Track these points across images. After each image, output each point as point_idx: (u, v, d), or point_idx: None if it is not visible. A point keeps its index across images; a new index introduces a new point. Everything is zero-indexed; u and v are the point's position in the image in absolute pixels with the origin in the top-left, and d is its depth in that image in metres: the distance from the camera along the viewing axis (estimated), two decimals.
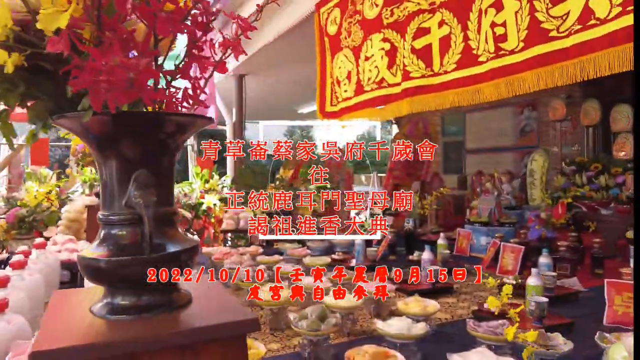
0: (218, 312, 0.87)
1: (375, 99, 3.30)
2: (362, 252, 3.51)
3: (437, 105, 2.81)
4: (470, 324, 2.00)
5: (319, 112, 4.01)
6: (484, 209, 4.01)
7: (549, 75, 2.09)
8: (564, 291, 2.86)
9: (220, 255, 3.16)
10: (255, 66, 5.20)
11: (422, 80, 2.87)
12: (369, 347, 1.72)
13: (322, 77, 3.87)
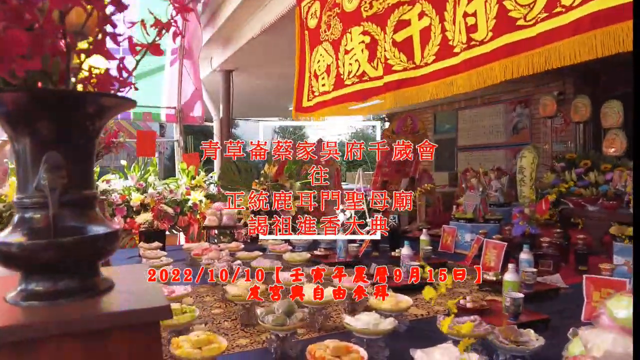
0: (133, 299, 0.83)
1: (356, 92, 3.24)
2: (344, 249, 3.47)
3: (419, 99, 2.77)
4: (440, 320, 1.96)
5: (294, 108, 3.95)
6: (469, 205, 3.98)
7: (515, 65, 2.05)
8: (543, 287, 2.82)
9: (199, 251, 3.13)
10: (243, 62, 5.16)
11: (405, 74, 2.82)
12: (331, 341, 1.68)
13: (300, 72, 3.81)
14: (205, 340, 1.71)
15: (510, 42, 2.09)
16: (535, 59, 1.92)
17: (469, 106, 7.88)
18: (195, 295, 2.68)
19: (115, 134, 3.25)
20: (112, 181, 4.37)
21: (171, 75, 5.10)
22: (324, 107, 3.50)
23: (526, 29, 1.95)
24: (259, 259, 2.88)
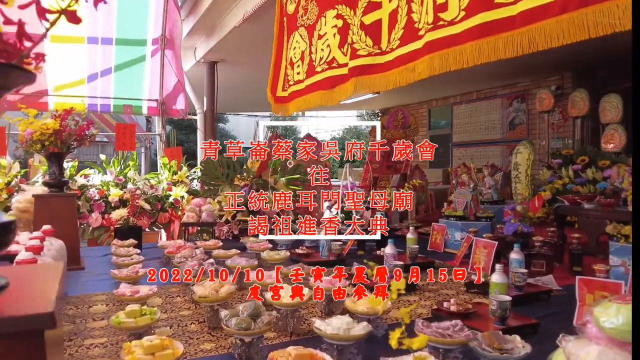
0: (16, 304, 0.70)
1: (325, 80, 3.08)
2: (327, 247, 3.33)
3: (382, 87, 2.60)
4: (419, 325, 1.82)
5: (270, 99, 3.78)
6: (459, 203, 3.84)
7: (492, 47, 1.89)
8: (534, 289, 2.70)
9: (173, 248, 2.99)
10: (227, 52, 4.99)
11: (369, 59, 2.64)
12: (294, 348, 1.54)
13: (276, 60, 3.64)
14: (158, 346, 1.58)
15: (485, 21, 1.92)
16: (516, 40, 1.76)
17: (464, 101, 7.74)
18: (166, 296, 2.55)
19: (88, 125, 3.10)
20: (90, 176, 4.23)
21: (152, 66, 4.95)
22: (298, 97, 3.34)
23: (505, 7, 1.79)
24: (234, 258, 2.75)
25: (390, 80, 2.51)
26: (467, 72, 6.48)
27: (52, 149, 2.94)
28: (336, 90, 2.99)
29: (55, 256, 2.27)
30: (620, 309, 1.00)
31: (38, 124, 2.80)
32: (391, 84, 2.52)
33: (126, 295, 2.13)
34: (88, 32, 4.55)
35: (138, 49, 4.90)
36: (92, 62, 4.70)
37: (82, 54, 4.62)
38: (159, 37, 4.85)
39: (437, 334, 1.75)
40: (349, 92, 2.85)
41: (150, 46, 4.94)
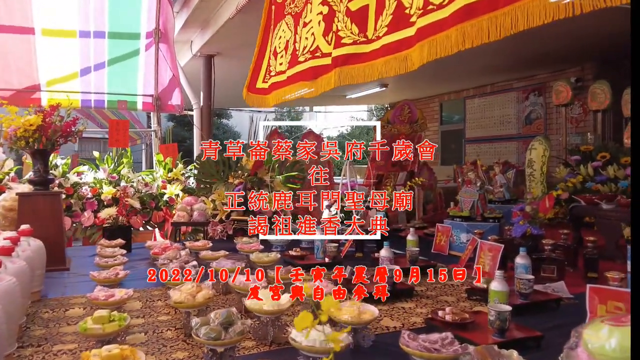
0: None
1: (308, 70, 2.95)
2: (322, 249, 3.24)
3: (366, 78, 2.47)
4: (404, 337, 1.71)
5: (246, 90, 3.66)
6: (465, 202, 3.69)
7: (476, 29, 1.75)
8: (542, 297, 2.56)
9: (159, 249, 2.93)
10: (224, 46, 4.90)
11: (353, 48, 2.50)
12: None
13: (260, 50, 3.52)
14: (117, 356, 1.51)
15: (470, 2, 1.79)
16: (500, 20, 1.63)
17: (477, 94, 7.53)
18: (146, 299, 2.49)
19: (74, 121, 3.06)
20: (84, 173, 4.22)
21: (147, 60, 4.91)
22: (278, 89, 3.22)
23: None
24: (220, 260, 2.67)
25: (375, 71, 2.39)
26: (481, 64, 6.32)
27: (37, 146, 2.91)
28: (318, 81, 2.87)
29: (30, 257, 2.23)
30: (613, 332, 0.88)
31: (20, 121, 2.76)
32: (376, 74, 2.40)
33: (99, 299, 2.07)
34: (80, 25, 4.54)
35: (131, 42, 4.87)
36: (85, 56, 4.69)
37: (74, 48, 4.61)
38: (152, 31, 4.81)
39: (422, 347, 1.64)
40: (332, 83, 2.73)
41: (144, 40, 4.90)
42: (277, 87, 3.20)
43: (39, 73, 4.54)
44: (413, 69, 2.25)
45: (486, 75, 6.94)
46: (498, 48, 5.47)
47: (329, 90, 7.23)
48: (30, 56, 4.45)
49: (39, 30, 4.40)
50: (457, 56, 6.41)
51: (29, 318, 2.17)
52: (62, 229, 3.03)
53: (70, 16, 4.50)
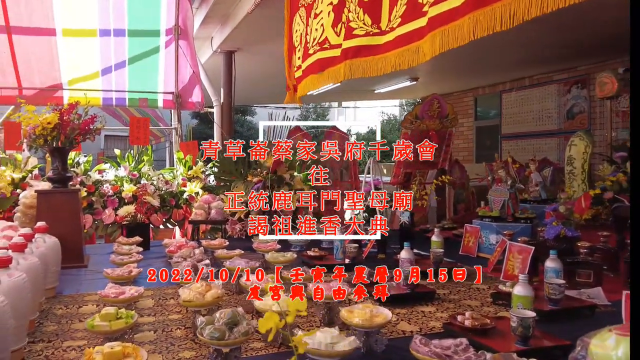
0: None
1: (316, 63, 2.91)
2: (342, 249, 3.21)
3: (378, 71, 2.41)
4: (416, 342, 1.68)
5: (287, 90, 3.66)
6: (495, 202, 3.58)
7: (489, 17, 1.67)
8: (574, 304, 2.44)
9: (174, 247, 2.99)
10: (243, 41, 4.94)
11: (366, 39, 2.44)
12: None
13: (288, 47, 3.51)
14: (118, 353, 1.54)
15: None
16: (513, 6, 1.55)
17: (514, 88, 7.29)
18: (159, 298, 2.54)
19: (92, 119, 3.17)
20: (105, 171, 4.36)
21: (166, 57, 5.03)
22: (299, 84, 3.20)
23: None
24: (234, 259, 2.70)
25: (388, 63, 2.34)
26: (518, 56, 6.12)
27: (55, 144, 3.03)
28: (325, 74, 2.83)
29: (44, 254, 2.32)
30: (620, 342, 0.83)
31: (38, 119, 2.88)
32: (389, 67, 2.35)
33: (110, 296, 2.13)
34: (100, 24, 4.70)
35: (151, 40, 4.99)
36: (105, 55, 4.86)
37: (94, 47, 4.78)
38: (172, 27, 4.92)
39: (432, 353, 1.59)
40: (340, 76, 2.68)
41: (164, 37, 5.01)
42: (298, 82, 3.20)
43: (60, 73, 4.74)
44: (425, 61, 2.20)
45: (524, 68, 6.71)
46: (536, 38, 5.28)
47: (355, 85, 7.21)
48: (51, 57, 4.66)
49: (59, 30, 4.60)
50: (493, 48, 6.22)
51: (42, 314, 2.26)
52: (80, 226, 3.14)
53: (90, 15, 4.67)
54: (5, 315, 1.53)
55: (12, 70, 4.55)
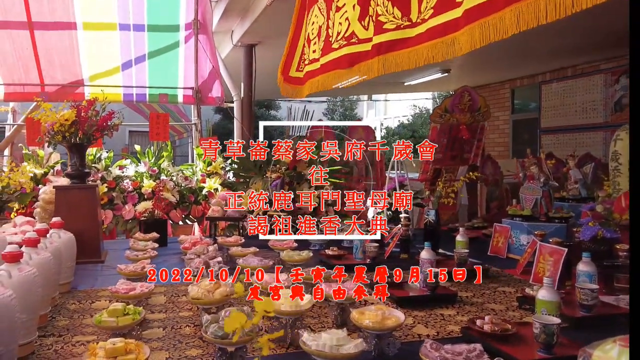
0: None
1: (343, 58, 2.89)
2: (361, 249, 3.20)
3: (411, 64, 2.38)
4: (426, 347, 1.65)
5: (280, 78, 3.65)
6: (527, 200, 3.47)
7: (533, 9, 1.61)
8: (608, 311, 2.34)
9: (188, 244, 3.06)
10: (264, 34, 4.96)
11: (397, 33, 2.43)
12: None
13: (294, 37, 3.50)
14: (121, 349, 1.59)
15: None
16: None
17: (555, 79, 7.03)
18: (172, 294, 2.61)
19: (109, 116, 3.27)
20: (126, 167, 4.51)
21: (186, 52, 5.13)
22: (312, 78, 3.20)
23: None
24: (247, 257, 2.73)
25: (421, 56, 2.32)
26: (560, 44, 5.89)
27: (73, 140, 3.15)
28: (355, 69, 2.82)
29: (58, 249, 2.42)
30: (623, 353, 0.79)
31: (55, 116, 3.00)
32: (422, 61, 2.32)
33: (120, 292, 2.19)
34: (119, 18, 4.85)
35: (171, 35, 5.11)
36: (126, 50, 5.00)
37: (114, 41, 4.94)
38: (191, 22, 5.01)
39: (442, 359, 1.56)
40: (374, 71, 2.68)
41: (183, 31, 5.12)
42: (311, 77, 3.21)
43: (82, 68, 4.93)
44: (461, 54, 2.16)
45: (566, 57, 6.46)
46: (580, 25, 5.07)
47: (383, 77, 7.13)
48: (73, 51, 4.84)
49: (80, 24, 4.78)
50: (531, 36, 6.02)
51: (55, 308, 2.36)
52: (98, 222, 3.26)
53: (109, 9, 4.83)
54: (13, 309, 1.61)
55: (35, 66, 4.76)
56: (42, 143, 3.90)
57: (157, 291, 2.61)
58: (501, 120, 7.96)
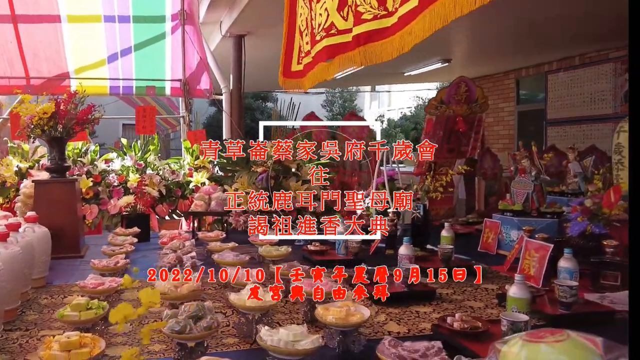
0: None
1: (324, 50, 2.89)
2: (344, 244, 3.22)
3: (388, 55, 2.38)
4: (384, 344, 1.68)
5: (281, 75, 3.66)
6: (518, 194, 3.47)
7: None
8: (589, 309, 2.35)
9: (167, 239, 3.11)
10: (253, 24, 4.95)
11: (375, 23, 2.41)
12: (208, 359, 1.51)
13: (289, 28, 3.49)
14: (75, 343, 1.64)
15: None
16: None
17: (562, 68, 6.96)
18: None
19: (89, 109, 3.32)
20: (112, 161, 4.57)
21: (173, 44, 5.16)
22: (310, 70, 3.20)
23: None
24: (223, 252, 2.77)
25: (394, 47, 2.31)
26: (567, 32, 5.81)
27: (53, 134, 3.20)
28: (336, 62, 2.82)
29: (29, 243, 2.47)
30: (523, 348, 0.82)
31: (34, 109, 3.06)
32: (395, 52, 2.32)
33: (88, 287, 2.25)
34: (104, 10, 4.90)
35: (157, 26, 5.13)
36: (111, 42, 5.05)
37: (99, 34, 4.99)
38: (177, 12, 5.04)
39: (397, 357, 1.59)
40: (354, 63, 2.68)
41: (169, 22, 5.14)
42: (309, 69, 3.22)
43: (67, 61, 4.99)
44: (416, 43, 2.15)
45: (574, 45, 6.37)
46: (589, 12, 5.01)
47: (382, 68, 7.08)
48: (58, 44, 4.90)
49: (64, 17, 4.83)
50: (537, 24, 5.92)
51: (27, 303, 2.42)
52: (78, 216, 3.32)
53: (94, 0, 4.86)
54: None
55: (20, 59, 4.83)
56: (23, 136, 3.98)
57: (132, 286, 2.66)
58: (506, 111, 7.90)
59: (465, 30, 5.81)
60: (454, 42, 6.37)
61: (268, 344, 1.67)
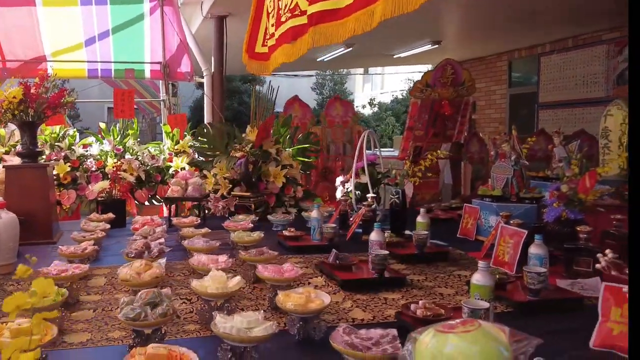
0: None
1: (288, 31, 2.87)
2: (318, 230, 3.23)
3: (339, 37, 2.35)
4: (339, 331, 1.68)
5: (246, 54, 3.63)
6: (498, 179, 3.46)
7: None
8: (557, 295, 2.36)
9: (139, 225, 3.11)
10: (235, 4, 4.87)
11: (329, 4, 2.39)
12: (155, 346, 1.51)
13: (257, 10, 3.45)
14: (26, 330, 1.64)
15: None
16: None
17: (555, 50, 6.90)
18: (112, 277, 2.66)
19: (60, 93, 3.29)
20: (91, 146, 4.55)
21: (152, 25, 5.09)
22: (273, 52, 3.17)
23: None
24: (193, 239, 2.78)
25: (347, 29, 2.29)
26: (561, 13, 5.74)
27: (24, 118, 3.18)
28: (297, 44, 2.80)
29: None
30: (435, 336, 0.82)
31: (3, 94, 3.03)
32: (348, 33, 2.30)
33: (51, 273, 2.25)
34: None
35: (135, 7, 5.06)
36: (88, 25, 4.98)
37: (76, 17, 4.92)
38: None
39: (347, 344, 1.59)
40: (308, 44, 2.65)
41: (147, 3, 5.07)
42: (272, 51, 3.19)
43: (43, 45, 4.94)
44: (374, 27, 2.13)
45: (567, 27, 6.31)
46: None
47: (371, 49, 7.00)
48: (33, 28, 4.84)
49: (39, 0, 4.77)
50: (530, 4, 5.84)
51: None
52: (50, 202, 3.31)
53: None
54: None
55: None
56: None
57: (98, 273, 2.67)
58: (498, 94, 7.86)
59: (455, 11, 5.75)
60: (443, 23, 6.31)
61: (220, 331, 1.68)
